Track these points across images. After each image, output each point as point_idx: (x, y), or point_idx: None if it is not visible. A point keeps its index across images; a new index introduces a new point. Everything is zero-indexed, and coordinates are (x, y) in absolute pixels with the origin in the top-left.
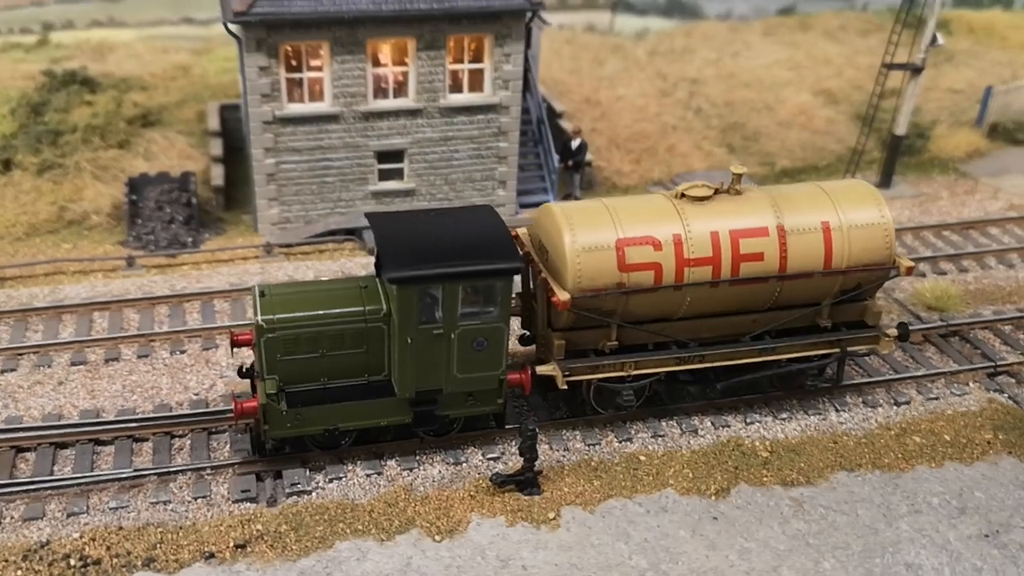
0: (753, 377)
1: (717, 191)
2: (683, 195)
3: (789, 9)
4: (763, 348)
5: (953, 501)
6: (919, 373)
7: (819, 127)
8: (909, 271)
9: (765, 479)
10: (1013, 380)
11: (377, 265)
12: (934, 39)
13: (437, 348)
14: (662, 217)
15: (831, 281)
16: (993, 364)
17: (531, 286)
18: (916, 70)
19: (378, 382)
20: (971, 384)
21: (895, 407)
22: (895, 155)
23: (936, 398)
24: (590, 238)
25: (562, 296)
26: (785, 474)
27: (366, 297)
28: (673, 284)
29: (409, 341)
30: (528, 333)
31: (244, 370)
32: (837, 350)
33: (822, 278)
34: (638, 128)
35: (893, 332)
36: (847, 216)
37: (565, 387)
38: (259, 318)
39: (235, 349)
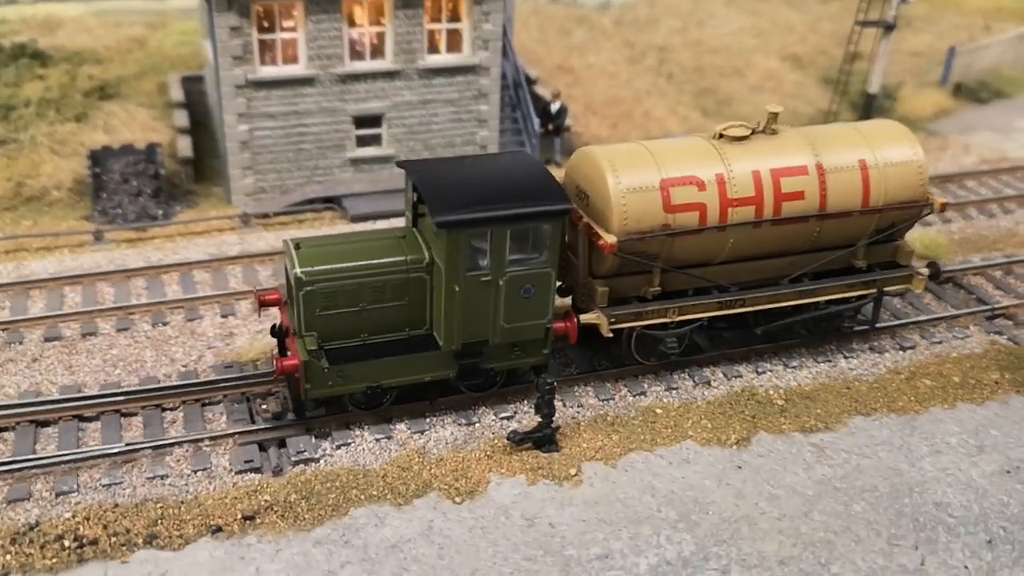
0: (792, 320)
1: (754, 131)
2: (721, 135)
3: None
4: (802, 291)
5: (971, 440)
6: (921, 318)
7: (789, 91)
8: (943, 208)
9: (784, 427)
10: (1010, 322)
11: (415, 215)
12: None
13: (484, 296)
14: (703, 157)
15: (868, 220)
16: (990, 307)
17: (564, 236)
18: (888, 27)
19: (419, 336)
20: (971, 327)
21: (901, 352)
22: (869, 113)
23: (940, 342)
24: (634, 179)
25: (609, 239)
26: (803, 421)
27: (406, 247)
28: (717, 225)
29: (456, 289)
30: (562, 284)
31: (275, 329)
32: (874, 291)
33: (860, 216)
34: (612, 94)
35: (925, 271)
36: (882, 154)
37: (610, 335)
38: (298, 270)
39: (262, 310)
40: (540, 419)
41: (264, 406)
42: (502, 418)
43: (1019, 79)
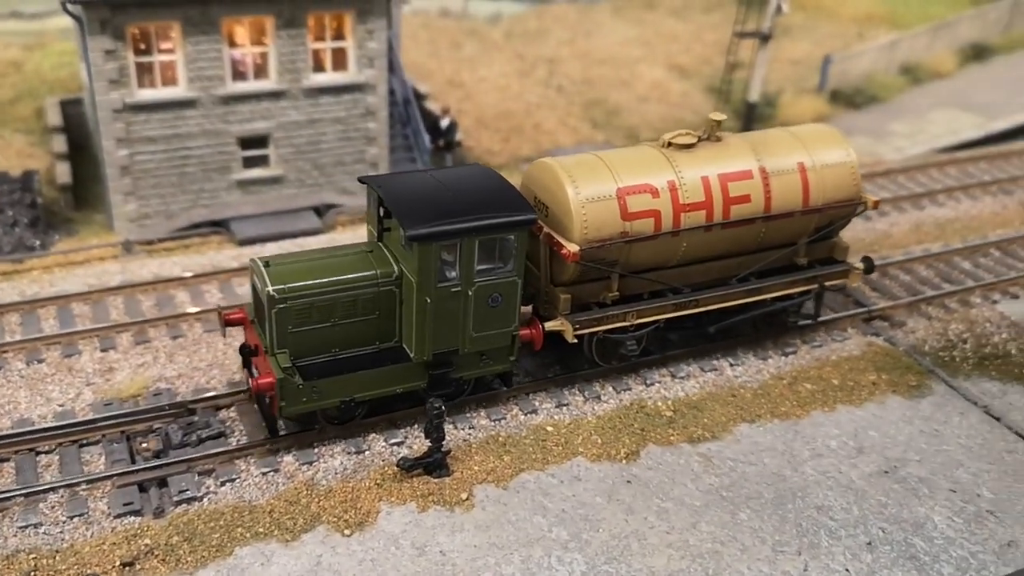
0: (742, 318)
1: (700, 139)
2: (670, 144)
3: None
4: (750, 289)
5: (850, 442)
6: (802, 323)
7: (675, 100)
8: (876, 205)
9: (672, 438)
10: (887, 323)
11: (380, 229)
12: (779, 8)
13: (454, 307)
14: (654, 165)
15: (808, 219)
16: (867, 309)
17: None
18: (764, 38)
19: (388, 348)
20: (850, 330)
21: (784, 357)
22: (750, 122)
23: (820, 345)
24: (592, 189)
25: (571, 248)
26: (691, 431)
27: (375, 261)
28: (671, 230)
29: (428, 301)
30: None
31: (243, 348)
32: (815, 286)
33: (801, 216)
34: (503, 107)
35: (860, 266)
36: (818, 157)
37: (575, 340)
38: (270, 288)
39: (227, 329)
40: (430, 444)
41: (145, 444)
42: (392, 444)
43: (892, 84)
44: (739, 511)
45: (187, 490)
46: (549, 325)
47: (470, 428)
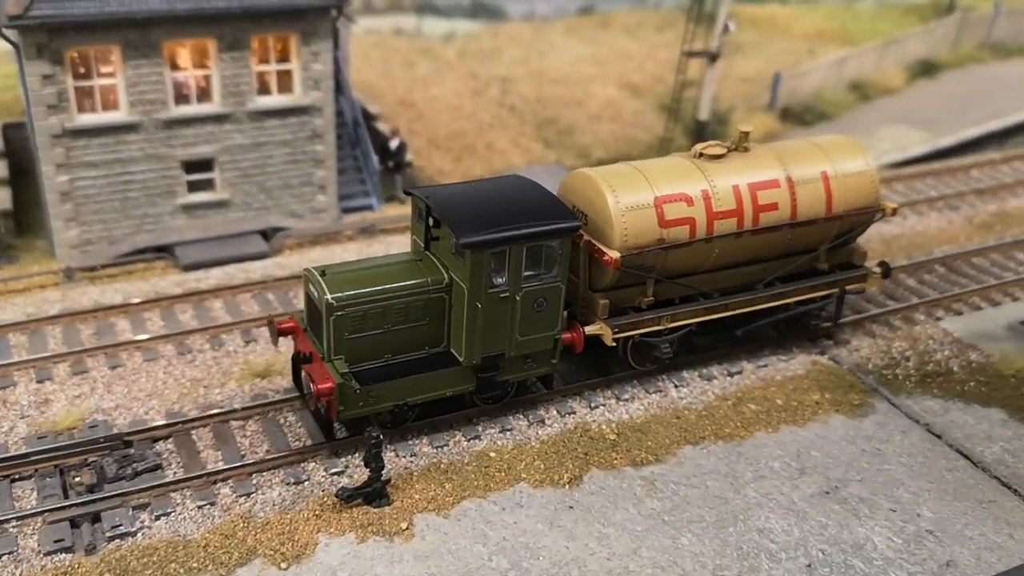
0: (767, 321)
1: (729, 149)
2: (701, 154)
3: (588, 8)
4: (775, 293)
5: (793, 463)
6: (748, 343)
7: (627, 119)
8: (894, 212)
9: (615, 461)
10: (831, 342)
11: (427, 239)
12: (726, 27)
13: (502, 312)
14: (688, 175)
15: (830, 226)
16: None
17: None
18: (713, 57)
19: (437, 353)
20: (794, 349)
21: (729, 377)
22: (701, 140)
23: (765, 365)
24: (631, 198)
25: (613, 255)
26: (634, 454)
27: (425, 269)
28: (705, 237)
29: (479, 306)
30: None
31: (298, 356)
32: (836, 290)
33: (824, 223)
34: (455, 127)
35: (877, 270)
36: (840, 166)
37: (613, 344)
38: (328, 296)
39: (280, 339)
40: (369, 473)
41: (78, 478)
42: (332, 474)
43: (841, 101)
44: (680, 535)
45: (120, 525)
46: (589, 329)
47: (411, 455)
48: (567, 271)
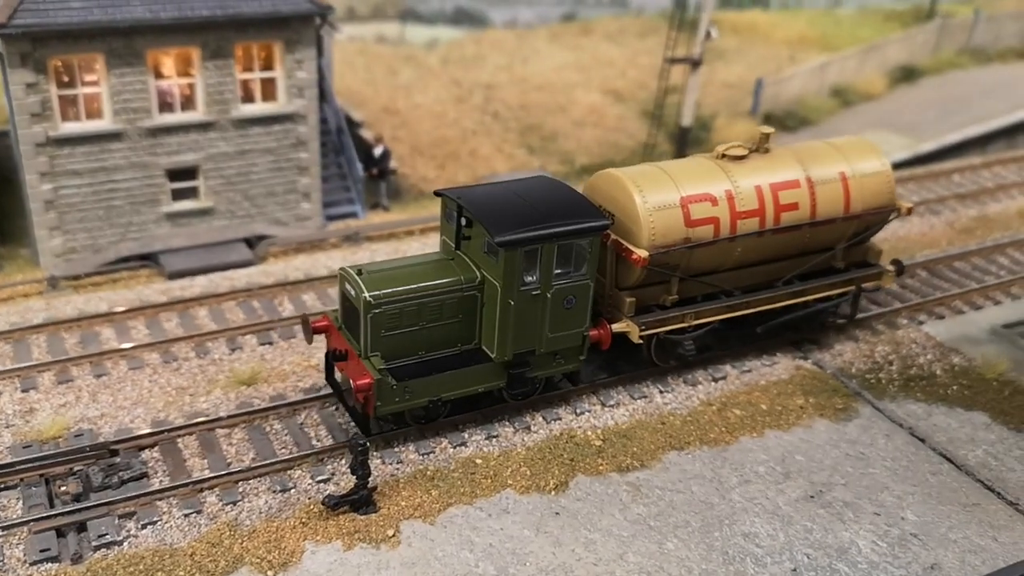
0: (787, 319)
1: (750, 150)
2: (724, 155)
3: (571, 15)
4: (794, 291)
5: (777, 468)
6: (732, 348)
7: (611, 125)
8: (909, 211)
9: (601, 467)
10: (815, 346)
11: (459, 239)
12: (708, 34)
13: (533, 309)
14: (712, 176)
15: (848, 225)
16: (795, 333)
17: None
18: (695, 63)
19: (469, 350)
20: (778, 353)
21: (714, 383)
22: (684, 145)
23: (749, 370)
24: (658, 198)
25: (641, 253)
26: (620, 460)
27: (458, 268)
28: (728, 236)
29: (511, 303)
30: None
31: (333, 354)
32: (853, 287)
33: (842, 222)
34: (439, 134)
35: (892, 269)
36: (857, 166)
37: (640, 341)
38: (366, 294)
39: (314, 336)
40: (356, 480)
41: (64, 487)
42: (319, 481)
43: (823, 107)
44: (666, 540)
45: (106, 534)
46: (616, 327)
47: (398, 463)
48: (595, 269)
